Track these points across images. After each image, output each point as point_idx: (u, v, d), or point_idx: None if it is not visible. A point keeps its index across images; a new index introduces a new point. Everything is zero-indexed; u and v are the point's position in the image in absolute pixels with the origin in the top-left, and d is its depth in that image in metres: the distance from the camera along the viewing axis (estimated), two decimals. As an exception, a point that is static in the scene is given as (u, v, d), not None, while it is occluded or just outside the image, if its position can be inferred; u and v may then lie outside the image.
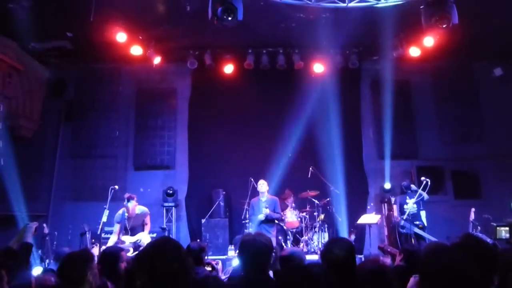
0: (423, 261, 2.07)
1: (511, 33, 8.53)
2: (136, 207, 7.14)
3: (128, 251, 7.01)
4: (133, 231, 7.11)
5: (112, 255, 3.46)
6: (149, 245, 1.88)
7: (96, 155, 10.10)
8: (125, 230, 7.03)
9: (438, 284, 1.91)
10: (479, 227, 7.79)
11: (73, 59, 9.93)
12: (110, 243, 6.74)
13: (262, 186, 8.13)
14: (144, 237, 7.11)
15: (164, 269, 1.68)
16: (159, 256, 1.71)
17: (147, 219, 7.34)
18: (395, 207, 8.35)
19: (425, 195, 7.86)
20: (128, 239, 7.01)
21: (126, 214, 7.04)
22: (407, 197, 7.99)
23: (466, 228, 7.78)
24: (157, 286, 1.68)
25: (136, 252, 1.87)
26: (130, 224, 7.04)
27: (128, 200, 7.03)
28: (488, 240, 6.96)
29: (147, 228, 7.33)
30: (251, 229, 7.92)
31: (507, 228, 7.32)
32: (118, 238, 6.95)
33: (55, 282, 3.28)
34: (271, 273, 2.95)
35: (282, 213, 8.61)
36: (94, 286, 3.11)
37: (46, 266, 6.79)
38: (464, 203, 9.19)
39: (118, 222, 7.03)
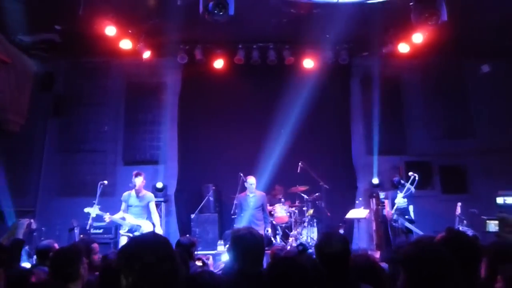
0: (405, 254, 2.12)
1: (498, 31, 8.66)
2: (143, 188, 7.22)
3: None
4: (136, 212, 7.11)
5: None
6: (135, 241, 1.74)
7: (85, 149, 10.01)
8: (128, 209, 7.14)
9: (419, 272, 1.95)
10: (465, 221, 7.94)
11: (62, 53, 9.81)
12: (116, 217, 6.96)
13: (251, 182, 8.07)
14: (145, 225, 7.08)
15: (155, 268, 1.58)
16: (149, 254, 1.59)
17: (152, 206, 7.27)
18: (387, 201, 8.45)
19: (412, 189, 7.99)
20: (130, 219, 7.03)
21: (133, 194, 7.13)
22: (398, 192, 8.11)
23: (453, 222, 7.92)
24: (147, 285, 1.58)
25: (121, 248, 1.71)
26: (135, 202, 7.11)
27: (136, 176, 7.12)
28: (470, 232, 7.11)
29: (154, 217, 7.21)
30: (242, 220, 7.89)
31: (496, 222, 7.49)
32: (123, 216, 7.11)
33: (46, 277, 3.27)
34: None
35: (271, 208, 8.67)
36: (85, 280, 3.11)
37: (34, 261, 6.75)
38: (451, 198, 9.33)
39: (124, 201, 7.18)
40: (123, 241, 7.01)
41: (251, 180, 8.00)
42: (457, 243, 2.44)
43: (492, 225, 7.40)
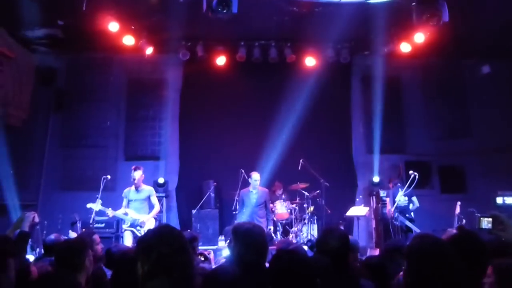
0: (409, 247, 2.17)
1: (499, 32, 8.71)
2: (142, 181, 7.39)
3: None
4: (137, 206, 7.24)
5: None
6: (153, 232, 1.85)
7: (87, 144, 10.05)
8: (128, 203, 7.32)
9: (421, 266, 2.00)
10: (464, 220, 7.98)
11: (64, 48, 9.84)
12: (118, 212, 7.18)
13: (255, 178, 8.05)
14: (147, 219, 7.20)
15: (170, 258, 1.68)
16: (165, 245, 1.69)
17: (154, 199, 7.45)
18: (388, 200, 8.51)
19: (415, 202, 8.23)
20: (132, 214, 7.17)
21: (132, 189, 7.30)
22: (400, 190, 8.17)
23: (452, 222, 7.97)
24: (161, 274, 1.67)
25: (140, 238, 1.82)
26: (134, 196, 7.27)
27: (135, 170, 7.28)
28: None
29: (155, 209, 7.41)
30: (244, 217, 7.92)
31: (490, 219, 7.56)
32: (125, 211, 7.26)
33: (51, 269, 3.33)
34: None
35: (272, 205, 8.72)
36: (90, 271, 3.17)
37: (37, 254, 6.80)
38: (450, 197, 9.39)
39: (125, 197, 7.35)
40: (127, 235, 7.11)
41: (256, 176, 8.01)
42: (468, 243, 2.44)
43: (485, 222, 7.50)
